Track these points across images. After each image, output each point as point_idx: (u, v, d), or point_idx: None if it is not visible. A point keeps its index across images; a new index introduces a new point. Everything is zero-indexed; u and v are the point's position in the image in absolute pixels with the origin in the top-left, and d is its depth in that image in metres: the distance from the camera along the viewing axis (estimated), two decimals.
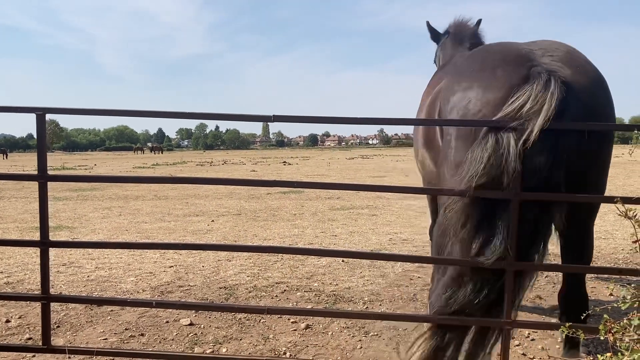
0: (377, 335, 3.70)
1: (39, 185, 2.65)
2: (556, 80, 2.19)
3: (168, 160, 42.05)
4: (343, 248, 6.66)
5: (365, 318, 3.80)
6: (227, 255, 6.11)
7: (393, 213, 9.83)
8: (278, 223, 8.78)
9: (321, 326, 3.87)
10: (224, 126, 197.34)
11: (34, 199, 11.02)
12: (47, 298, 2.76)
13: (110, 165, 33.43)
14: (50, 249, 2.77)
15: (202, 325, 3.90)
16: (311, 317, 3.95)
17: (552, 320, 3.72)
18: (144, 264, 5.79)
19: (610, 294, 2.15)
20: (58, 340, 3.56)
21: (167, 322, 3.96)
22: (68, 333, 3.76)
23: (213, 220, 9.08)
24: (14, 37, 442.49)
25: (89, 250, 6.33)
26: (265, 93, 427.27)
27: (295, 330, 3.81)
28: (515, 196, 2.23)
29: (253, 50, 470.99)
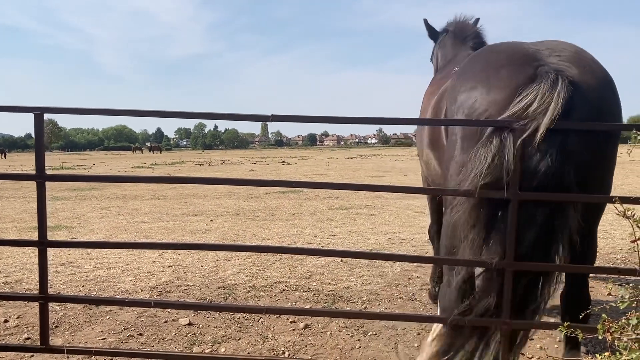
0: (376, 334, 3.70)
1: (37, 185, 2.65)
2: (563, 80, 2.17)
3: (167, 159, 41.99)
4: (342, 248, 6.65)
5: (363, 318, 3.80)
6: (226, 255, 6.11)
7: (392, 213, 9.83)
8: (277, 223, 8.77)
9: (320, 326, 3.87)
10: (222, 126, 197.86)
11: (33, 198, 11.00)
12: (45, 298, 2.75)
13: (109, 164, 33.39)
14: (49, 248, 2.77)
15: (201, 325, 3.89)
16: (310, 317, 3.95)
17: (551, 319, 3.72)
18: (143, 264, 5.78)
19: (609, 294, 2.15)
20: (56, 340, 3.56)
21: (166, 322, 3.95)
22: (66, 333, 3.75)
23: (212, 220, 9.08)
24: (13, 37, 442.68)
25: (88, 250, 6.32)
26: (264, 92, 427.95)
27: (294, 329, 3.81)
28: (515, 196, 2.23)
29: (252, 49, 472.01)
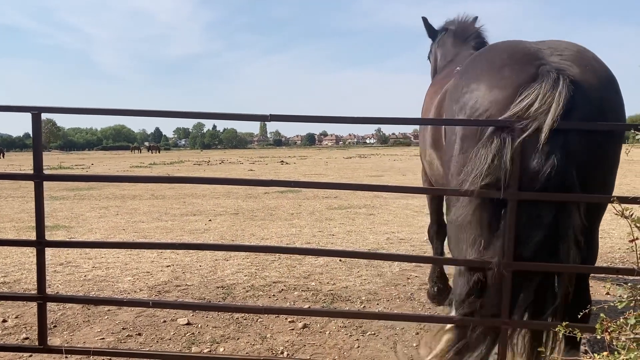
0: (375, 334, 3.70)
1: (35, 185, 2.65)
2: (564, 79, 2.15)
3: (165, 159, 41.98)
4: (340, 247, 6.66)
5: (362, 317, 3.80)
6: (225, 255, 6.11)
7: (390, 212, 9.83)
8: (275, 222, 8.77)
9: (318, 325, 3.87)
10: (221, 125, 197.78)
11: (31, 198, 10.97)
12: (44, 298, 2.75)
13: (108, 164, 33.36)
14: (47, 248, 2.77)
15: (200, 325, 3.89)
16: (308, 317, 3.95)
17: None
18: (141, 264, 5.78)
19: (607, 293, 2.15)
20: (55, 340, 3.56)
21: (165, 322, 3.95)
22: (65, 333, 3.75)
23: (210, 220, 9.07)
24: (13, 37, 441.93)
25: (86, 249, 6.31)
26: (263, 92, 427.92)
27: (292, 329, 3.81)
28: (513, 196, 2.23)
29: (251, 49, 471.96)
